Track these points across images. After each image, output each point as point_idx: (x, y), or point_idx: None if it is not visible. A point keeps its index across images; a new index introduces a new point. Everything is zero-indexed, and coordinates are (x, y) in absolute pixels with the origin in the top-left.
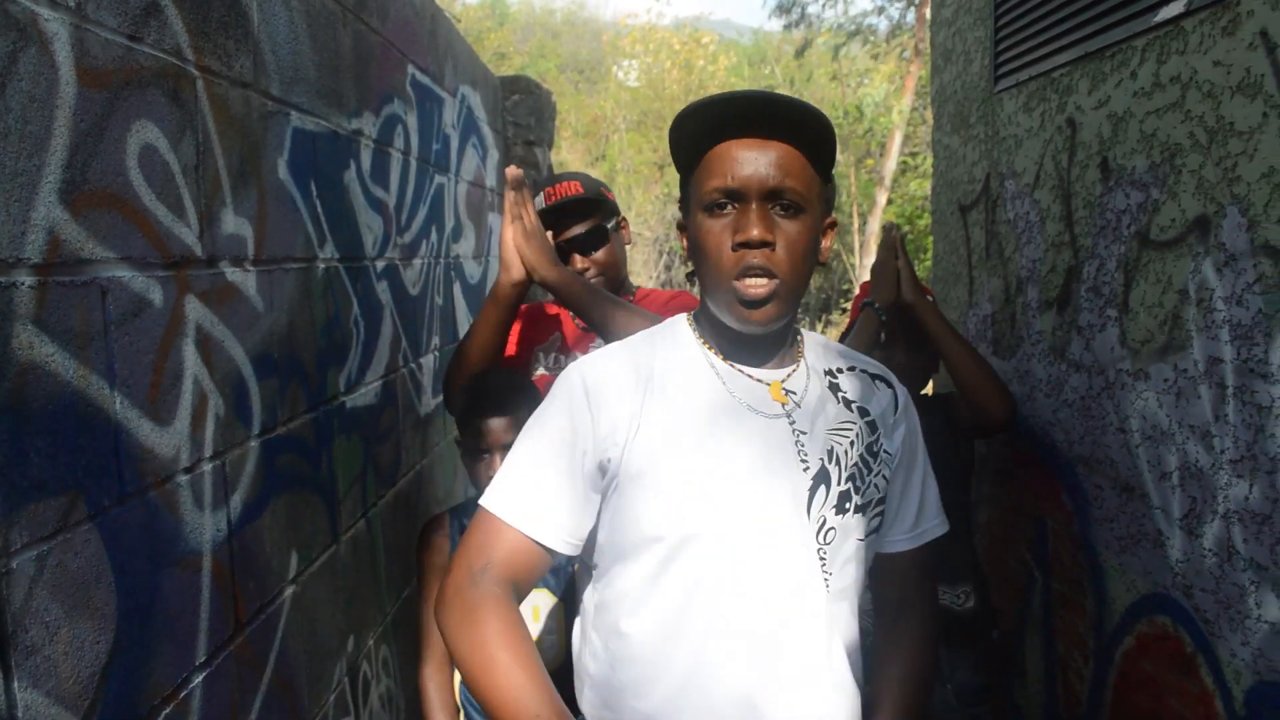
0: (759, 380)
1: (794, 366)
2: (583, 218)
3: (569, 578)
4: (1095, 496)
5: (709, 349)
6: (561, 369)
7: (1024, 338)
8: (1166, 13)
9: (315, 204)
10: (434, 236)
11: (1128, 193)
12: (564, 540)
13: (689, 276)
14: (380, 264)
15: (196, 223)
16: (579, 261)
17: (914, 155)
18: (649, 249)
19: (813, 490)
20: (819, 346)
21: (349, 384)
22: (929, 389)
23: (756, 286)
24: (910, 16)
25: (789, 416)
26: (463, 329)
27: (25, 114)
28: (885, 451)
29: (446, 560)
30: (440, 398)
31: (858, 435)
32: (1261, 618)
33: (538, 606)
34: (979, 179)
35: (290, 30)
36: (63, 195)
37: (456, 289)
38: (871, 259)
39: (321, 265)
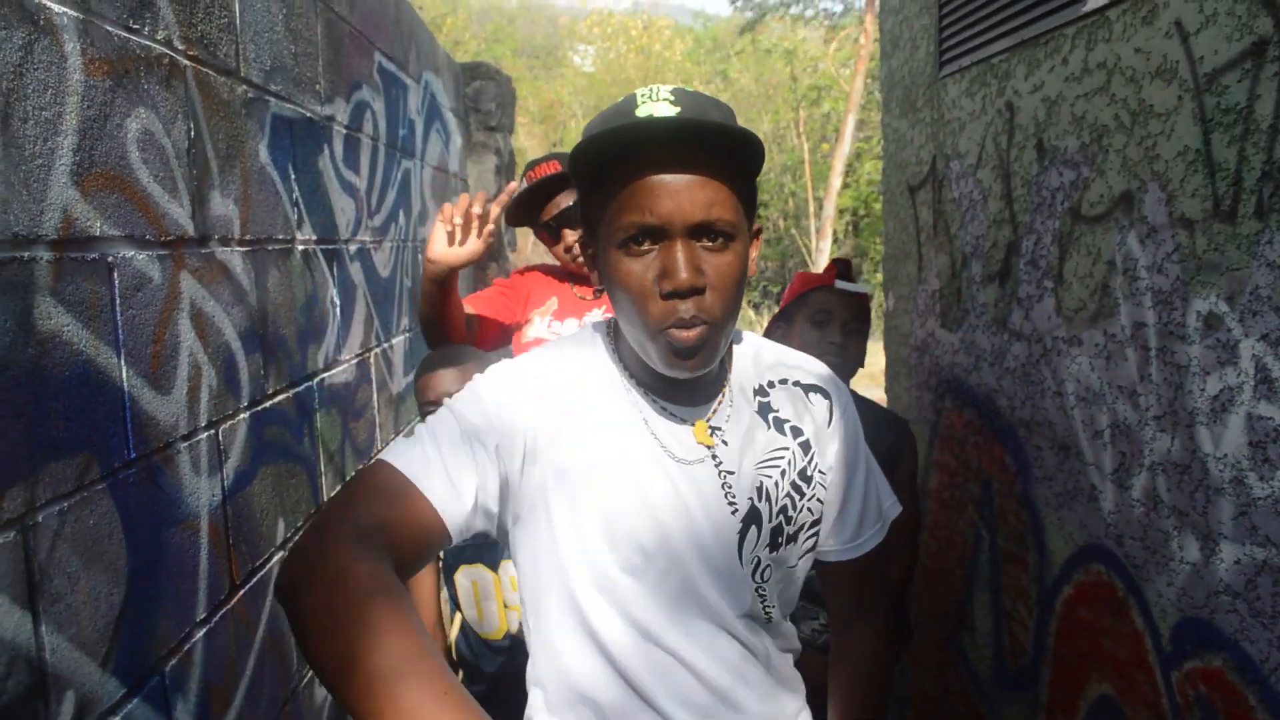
0: (683, 420)
1: (720, 397)
2: (565, 193)
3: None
4: (1035, 456)
5: (630, 380)
6: (555, 333)
7: (969, 310)
8: (1094, 3)
9: (293, 187)
10: (402, 220)
11: (1061, 171)
12: (462, 528)
13: (595, 294)
14: (353, 246)
15: (189, 203)
16: (569, 235)
17: (868, 140)
18: None
19: (743, 534)
20: (750, 359)
21: (328, 361)
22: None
23: (689, 337)
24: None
25: (714, 458)
26: None
27: (41, 100)
28: (819, 472)
29: None
30: (411, 377)
31: (789, 463)
32: (1184, 560)
33: (476, 582)
34: (926, 160)
35: (268, 20)
36: (74, 176)
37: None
38: (828, 241)
39: (300, 246)
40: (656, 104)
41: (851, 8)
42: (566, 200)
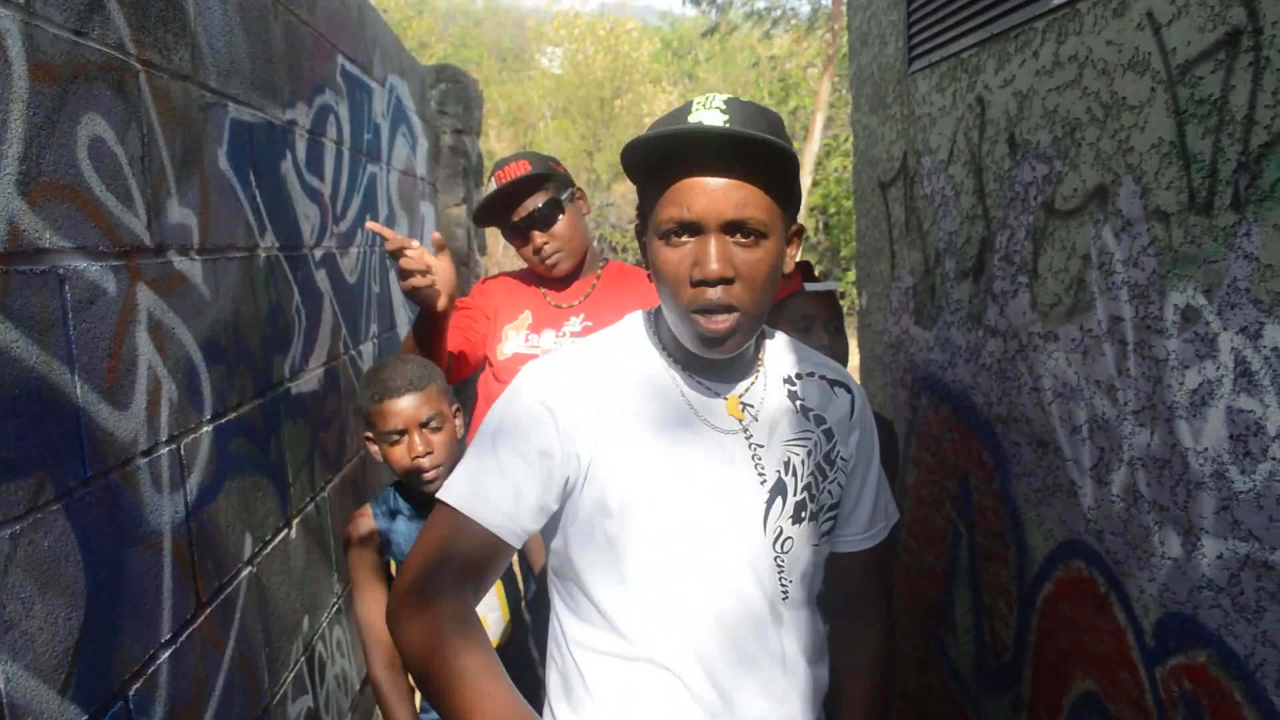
0: (716, 394)
1: (753, 378)
2: (534, 193)
3: None
4: (1013, 453)
5: (668, 358)
6: (534, 347)
7: (943, 307)
8: None
9: (255, 194)
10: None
11: (1033, 166)
12: (520, 535)
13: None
14: (319, 252)
15: (144, 212)
16: (538, 238)
17: (836, 138)
18: None
19: (769, 503)
20: (781, 351)
21: (293, 370)
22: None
23: (716, 323)
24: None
25: (745, 431)
26: (400, 317)
27: None
28: (841, 458)
29: (374, 552)
30: None
31: (815, 445)
32: (1165, 555)
33: None
34: (897, 157)
35: (225, 23)
36: (20, 186)
37: (392, 277)
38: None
39: (263, 254)
40: (708, 112)
41: (820, 6)
42: (537, 201)
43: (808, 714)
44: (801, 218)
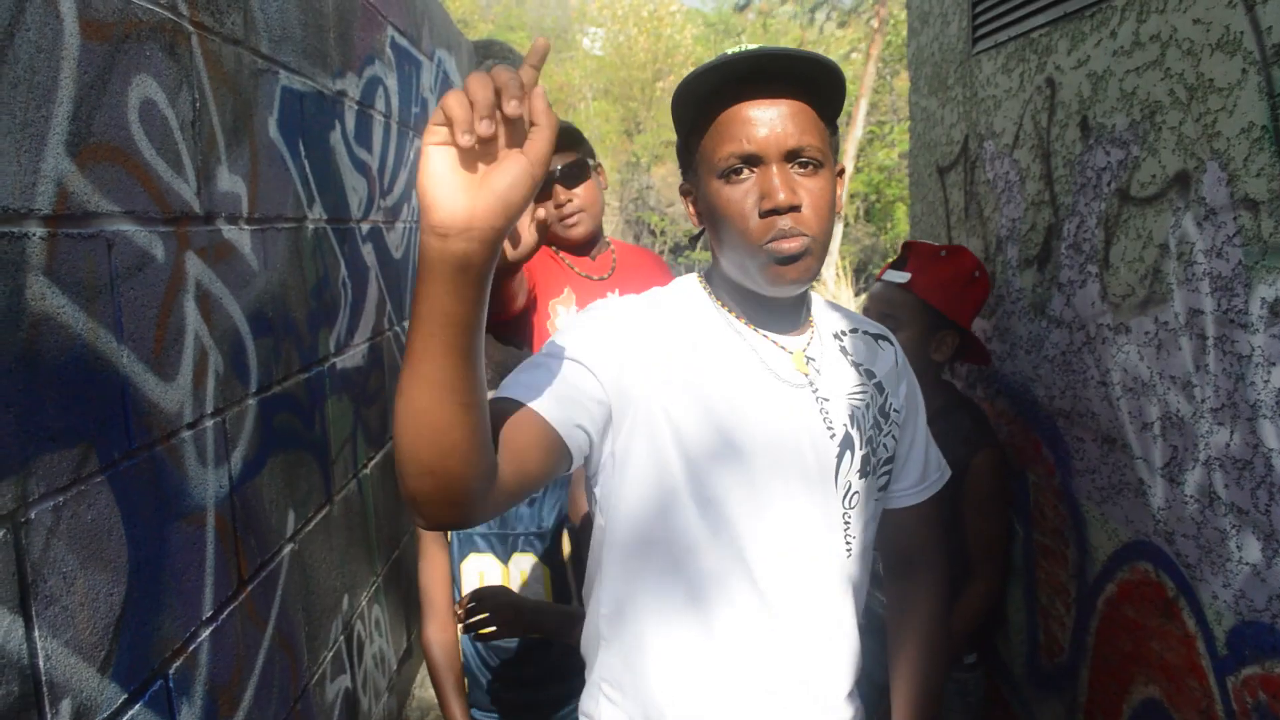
0: (783, 348)
1: (810, 332)
2: (563, 150)
3: (551, 539)
4: (1076, 449)
5: (732, 314)
6: None
7: (1004, 296)
8: None
9: (304, 164)
10: (415, 200)
11: (1108, 150)
12: (576, 433)
13: (692, 240)
14: (365, 226)
15: (194, 179)
16: (561, 193)
17: (880, 124)
18: (616, 218)
19: (839, 457)
20: (824, 308)
21: (338, 345)
22: None
23: (790, 246)
24: None
25: (812, 385)
26: None
27: (33, 64)
28: (894, 410)
29: None
30: None
31: (871, 397)
32: (1243, 560)
33: (524, 570)
34: (957, 140)
35: None
36: (69, 147)
37: None
38: (839, 227)
39: (310, 225)
40: (742, 49)
41: None
42: (567, 157)
43: (848, 681)
44: (843, 203)
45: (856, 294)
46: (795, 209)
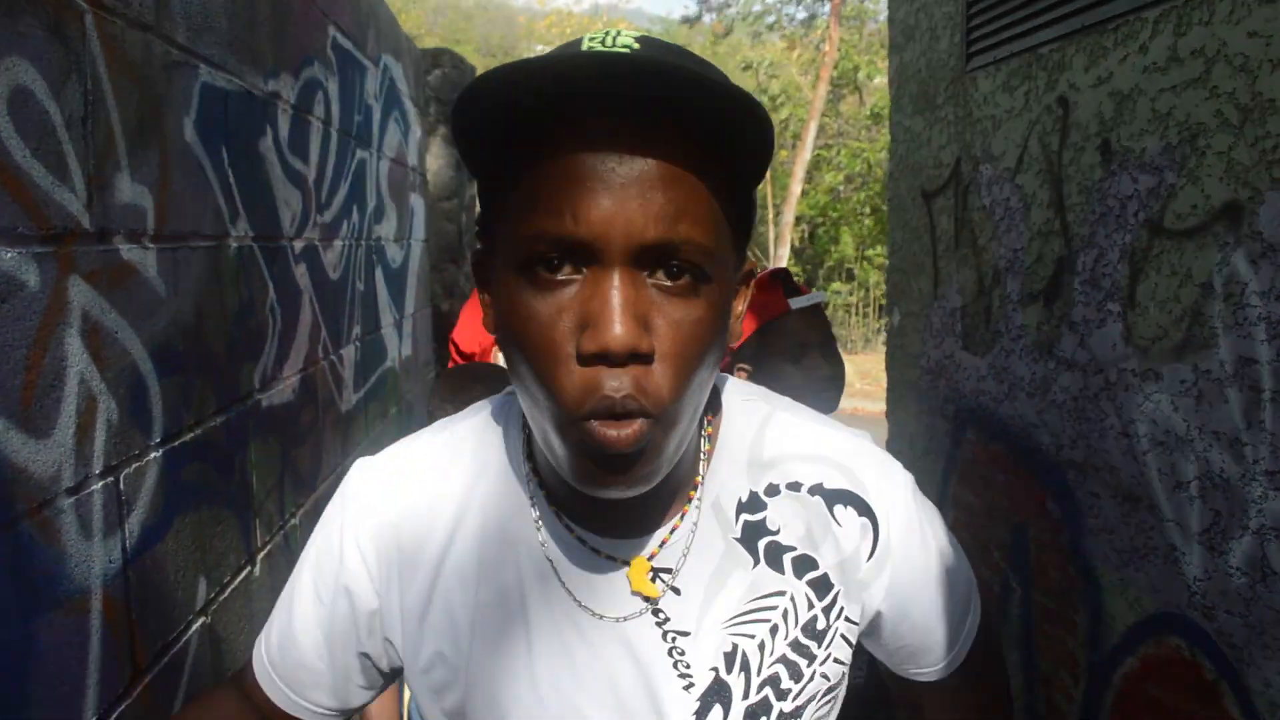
0: (612, 558)
1: (677, 518)
2: None
3: None
4: (1090, 505)
5: (542, 494)
6: None
7: (1001, 332)
8: None
9: (227, 173)
10: (355, 216)
11: (1135, 177)
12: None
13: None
14: (299, 244)
15: (84, 188)
16: None
17: (828, 147)
18: None
19: (700, 715)
20: (741, 448)
21: (264, 380)
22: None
23: (621, 429)
24: (826, 7)
25: (658, 614)
26: (385, 318)
27: None
28: (847, 620)
29: None
30: (362, 393)
31: (785, 614)
32: None
33: None
34: (947, 163)
35: None
36: None
37: (378, 274)
38: (786, 249)
39: (234, 244)
40: (609, 48)
41: (816, 15)
42: None
43: None
44: (789, 226)
45: None
46: (641, 359)
